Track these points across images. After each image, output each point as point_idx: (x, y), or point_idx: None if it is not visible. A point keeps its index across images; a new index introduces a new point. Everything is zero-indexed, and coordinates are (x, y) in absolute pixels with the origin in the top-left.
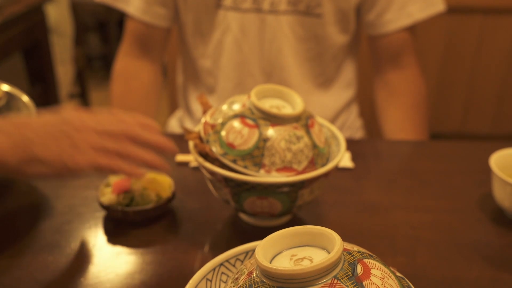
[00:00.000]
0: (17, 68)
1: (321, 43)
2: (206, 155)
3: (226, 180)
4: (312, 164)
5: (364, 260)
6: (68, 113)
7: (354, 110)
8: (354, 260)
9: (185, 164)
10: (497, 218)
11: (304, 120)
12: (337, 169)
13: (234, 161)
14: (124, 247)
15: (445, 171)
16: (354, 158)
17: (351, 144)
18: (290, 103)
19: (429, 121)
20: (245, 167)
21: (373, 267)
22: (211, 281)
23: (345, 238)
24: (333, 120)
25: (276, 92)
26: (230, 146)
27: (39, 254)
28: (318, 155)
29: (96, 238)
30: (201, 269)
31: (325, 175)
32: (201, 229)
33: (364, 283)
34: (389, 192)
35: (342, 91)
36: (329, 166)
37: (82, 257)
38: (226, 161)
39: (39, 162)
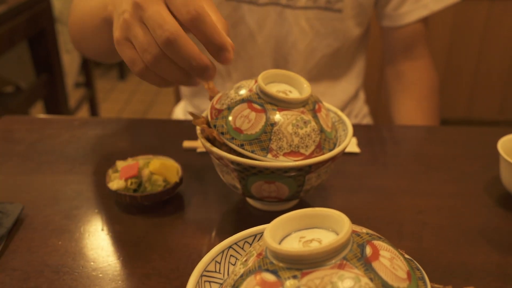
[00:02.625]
0: (23, 57)
1: (339, 38)
2: (213, 140)
3: (234, 164)
4: (319, 148)
5: (373, 241)
6: None
7: (361, 98)
8: (363, 242)
9: (192, 150)
10: (504, 203)
11: (311, 105)
12: (344, 154)
13: (242, 146)
14: (132, 231)
15: (452, 156)
16: (360, 144)
17: (358, 130)
18: (297, 88)
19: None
20: (253, 151)
21: (382, 248)
22: (219, 263)
23: (352, 222)
24: (341, 109)
25: (283, 77)
26: (237, 130)
27: (48, 239)
28: (325, 140)
29: (105, 223)
30: (210, 251)
31: (332, 159)
32: (208, 214)
33: (373, 264)
34: (395, 177)
35: (352, 82)
36: (336, 150)
37: (91, 241)
38: (233, 146)
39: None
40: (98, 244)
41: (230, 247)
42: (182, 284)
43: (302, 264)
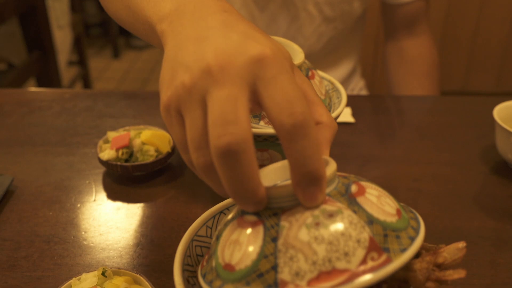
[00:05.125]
0: (15, 34)
1: (345, 20)
2: None
3: None
4: None
5: (360, 182)
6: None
7: (357, 71)
8: (349, 182)
9: None
10: (499, 170)
11: (304, 72)
12: (338, 124)
13: None
14: (125, 202)
15: (447, 124)
16: (355, 114)
17: (352, 100)
18: (291, 55)
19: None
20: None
21: (369, 187)
22: (211, 228)
23: None
24: None
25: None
26: None
27: (39, 210)
28: None
29: (97, 194)
30: (201, 216)
31: None
32: (201, 184)
33: (357, 199)
34: (390, 146)
35: (351, 58)
36: None
37: (83, 212)
38: None
39: None
40: (90, 214)
41: (221, 212)
42: (175, 252)
43: (282, 201)
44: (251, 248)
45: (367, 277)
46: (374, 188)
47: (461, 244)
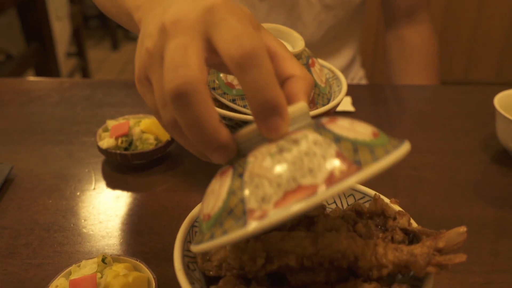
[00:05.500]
0: (13, 25)
1: (345, 8)
2: None
3: (225, 119)
4: (313, 103)
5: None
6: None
7: (357, 61)
8: (322, 118)
9: None
10: (500, 159)
11: (304, 59)
12: (338, 113)
13: (233, 101)
14: (124, 190)
15: (448, 114)
16: (355, 103)
17: (353, 89)
18: (290, 42)
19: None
20: (245, 106)
21: (343, 120)
22: None
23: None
24: None
25: (276, 31)
26: (229, 85)
27: (39, 198)
28: (319, 95)
29: (96, 182)
30: (201, 202)
31: (326, 114)
32: (201, 171)
33: (326, 125)
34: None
35: (351, 47)
36: (330, 105)
37: (82, 200)
38: (225, 101)
39: None
40: (89, 202)
41: None
42: (175, 239)
43: (251, 143)
44: (222, 191)
45: (334, 187)
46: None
47: (462, 229)
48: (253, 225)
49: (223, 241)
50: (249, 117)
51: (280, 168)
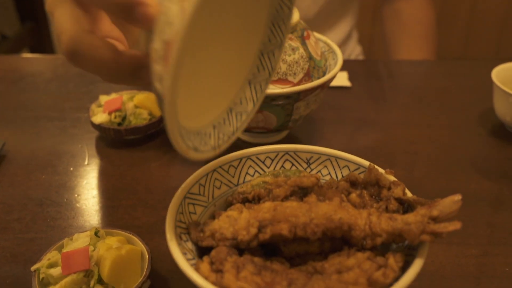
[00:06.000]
0: (6, 4)
1: None
2: None
3: None
4: (308, 76)
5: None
6: None
7: (354, 37)
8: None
9: None
10: (497, 132)
11: (299, 32)
12: (334, 88)
13: None
14: (118, 165)
15: (445, 88)
16: (351, 78)
17: (349, 64)
18: None
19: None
20: None
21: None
22: (204, 186)
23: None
24: None
25: None
26: None
27: (31, 173)
28: (314, 68)
29: (89, 158)
30: (194, 174)
31: (322, 87)
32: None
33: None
34: (387, 110)
35: (347, 22)
36: (326, 77)
37: (76, 176)
38: None
39: None
40: (83, 178)
41: (214, 170)
42: None
43: None
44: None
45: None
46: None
47: (457, 197)
48: None
49: None
50: None
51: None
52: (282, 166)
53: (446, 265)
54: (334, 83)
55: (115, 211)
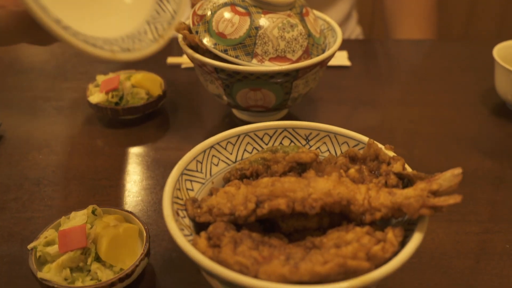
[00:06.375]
0: None
1: None
2: (196, 48)
3: (217, 71)
4: (307, 54)
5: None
6: None
7: (354, 17)
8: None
9: (177, 66)
10: (498, 111)
11: (298, 8)
12: (334, 68)
13: (225, 51)
14: (116, 146)
15: (446, 67)
16: (351, 58)
17: (349, 44)
18: None
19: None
20: (237, 56)
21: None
22: (201, 163)
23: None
24: None
25: None
26: (221, 35)
27: (28, 153)
28: (313, 45)
29: (87, 138)
30: (191, 150)
31: (321, 64)
32: (193, 127)
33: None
34: (387, 89)
35: (346, 2)
36: (325, 54)
37: (72, 155)
38: (216, 52)
39: None
40: (80, 157)
41: (212, 146)
42: None
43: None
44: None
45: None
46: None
47: (457, 171)
48: None
49: None
50: (242, 68)
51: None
52: (281, 143)
53: (446, 242)
54: (333, 62)
55: (113, 191)
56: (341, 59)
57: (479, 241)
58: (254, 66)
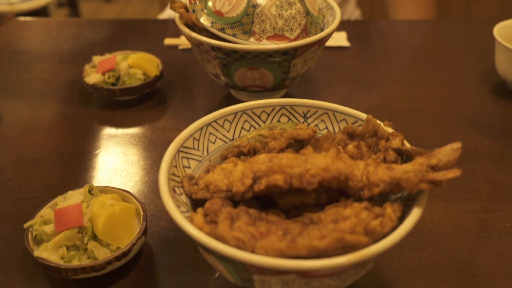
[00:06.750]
0: None
1: None
2: (193, 27)
3: (214, 50)
4: (305, 32)
5: None
6: None
7: (352, 0)
8: None
9: (174, 47)
10: (498, 90)
11: None
12: (332, 48)
13: (222, 30)
14: (112, 126)
15: (446, 48)
16: (350, 38)
17: (348, 24)
18: None
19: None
20: (234, 35)
21: None
22: (198, 140)
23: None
24: None
25: None
26: (218, 14)
27: (24, 135)
28: (311, 24)
29: (83, 119)
30: (188, 127)
31: (319, 43)
32: (191, 109)
33: None
34: (387, 68)
35: None
36: (324, 33)
37: (68, 136)
38: (213, 30)
39: None
40: (76, 138)
41: (209, 124)
42: None
43: None
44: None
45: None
46: None
47: (456, 145)
48: None
49: None
50: (239, 46)
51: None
52: (278, 120)
53: (445, 221)
54: (332, 43)
55: (110, 169)
56: (340, 39)
57: (478, 220)
58: (252, 44)
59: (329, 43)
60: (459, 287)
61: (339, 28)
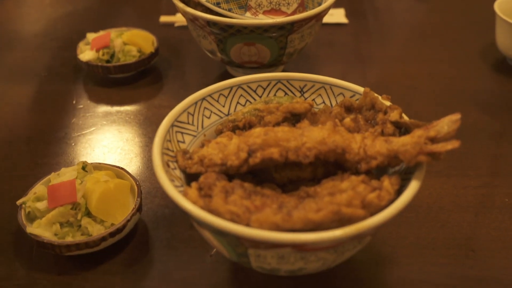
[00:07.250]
0: None
1: None
2: (187, 2)
3: (210, 25)
4: (303, 7)
5: None
6: None
7: None
8: None
9: (170, 24)
10: (498, 67)
11: None
12: (330, 25)
13: (218, 4)
14: (107, 104)
15: (446, 24)
16: (348, 15)
17: (346, 1)
18: None
19: None
20: (230, 9)
21: None
22: (192, 115)
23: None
24: None
25: None
26: None
27: (17, 113)
28: None
29: (77, 97)
30: (182, 102)
31: (316, 18)
32: (187, 86)
33: None
34: (385, 45)
35: None
36: (321, 7)
37: (63, 115)
38: (209, 5)
39: None
40: (71, 116)
41: (203, 98)
42: None
43: None
44: None
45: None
46: None
47: (455, 116)
48: None
49: None
50: (235, 21)
51: None
52: (275, 95)
53: (444, 196)
54: (330, 20)
55: (105, 146)
56: (338, 16)
57: (477, 195)
58: (248, 19)
59: (327, 20)
60: (458, 263)
61: (338, 4)
